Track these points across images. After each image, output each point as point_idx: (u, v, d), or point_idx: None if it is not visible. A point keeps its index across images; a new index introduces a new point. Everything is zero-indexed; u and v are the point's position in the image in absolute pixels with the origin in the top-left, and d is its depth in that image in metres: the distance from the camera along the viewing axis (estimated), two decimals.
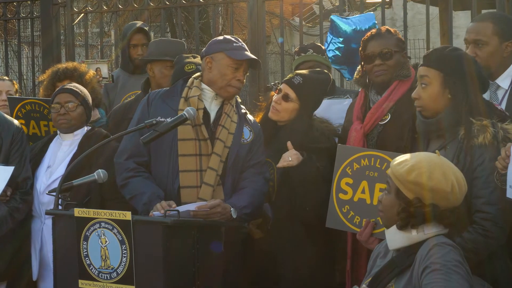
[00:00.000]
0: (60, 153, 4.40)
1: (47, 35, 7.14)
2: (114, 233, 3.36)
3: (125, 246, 3.34)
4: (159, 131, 3.68)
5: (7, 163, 4.25)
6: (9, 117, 4.50)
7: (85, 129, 4.47)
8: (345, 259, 4.01)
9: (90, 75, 5.10)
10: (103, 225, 3.38)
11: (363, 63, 4.18)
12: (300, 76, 4.21)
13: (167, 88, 4.17)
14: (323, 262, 4.13)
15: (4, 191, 4.17)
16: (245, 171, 3.99)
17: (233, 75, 3.93)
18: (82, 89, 4.53)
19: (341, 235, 3.99)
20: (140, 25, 5.93)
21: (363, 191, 3.74)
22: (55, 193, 3.65)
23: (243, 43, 4.02)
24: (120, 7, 7.08)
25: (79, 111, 4.42)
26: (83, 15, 7.34)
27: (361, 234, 3.67)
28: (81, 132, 4.44)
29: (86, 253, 3.43)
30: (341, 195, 3.80)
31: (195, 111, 3.80)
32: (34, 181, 4.36)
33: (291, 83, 4.19)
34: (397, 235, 2.98)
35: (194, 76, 4.07)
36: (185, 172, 3.85)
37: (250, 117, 4.14)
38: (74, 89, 4.46)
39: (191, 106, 3.86)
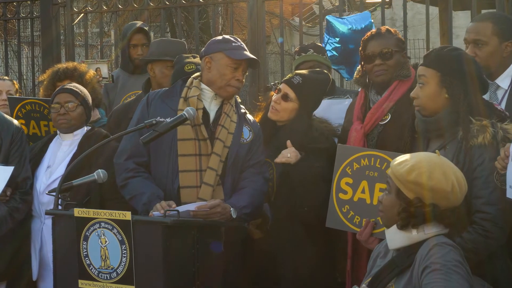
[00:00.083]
0: (60, 153, 4.40)
1: (47, 35, 7.14)
2: (114, 233, 3.36)
3: (125, 246, 3.34)
4: (158, 131, 3.68)
5: (6, 163, 4.25)
6: (8, 117, 4.50)
7: (85, 129, 4.47)
8: (345, 259, 4.01)
9: (90, 75, 5.10)
10: (103, 225, 3.38)
11: (363, 63, 4.18)
12: (299, 76, 4.21)
13: (166, 88, 4.17)
14: (323, 262, 4.12)
15: (3, 191, 4.17)
16: (245, 171, 3.99)
17: (232, 75, 3.93)
18: (82, 89, 4.53)
19: (341, 235, 3.99)
20: (140, 25, 5.93)
21: (363, 191, 3.73)
22: (55, 193, 3.65)
23: (242, 43, 4.01)
24: (120, 7, 7.08)
25: (79, 111, 4.42)
26: (83, 15, 7.34)
27: (361, 234, 3.67)
28: (81, 132, 4.44)
29: (86, 253, 3.43)
30: (341, 195, 3.80)
31: (195, 111, 3.79)
32: (34, 181, 4.36)
33: (291, 83, 4.19)
34: (397, 234, 2.98)
35: (193, 76, 4.07)
36: (185, 172, 3.85)
37: (249, 116, 4.14)
38: (74, 89, 4.46)
39: (190, 106, 3.85)
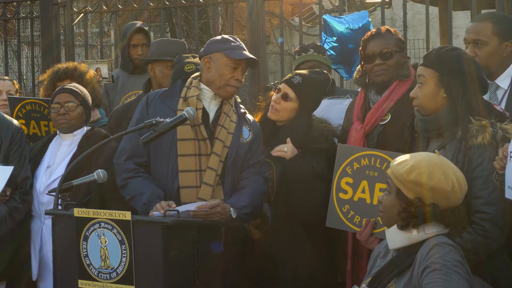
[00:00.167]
0: (59, 153, 4.39)
1: (47, 35, 7.13)
2: (113, 233, 3.36)
3: (124, 246, 3.34)
4: (158, 131, 3.67)
5: (6, 163, 4.25)
6: (8, 117, 4.50)
7: (85, 129, 4.46)
8: (346, 259, 4.01)
9: (90, 75, 5.10)
10: (102, 225, 3.38)
11: (363, 62, 4.17)
12: (299, 76, 4.21)
13: (166, 88, 4.17)
14: (323, 262, 4.12)
15: (3, 191, 4.17)
16: (245, 171, 3.98)
17: (232, 75, 3.92)
18: (82, 89, 4.52)
19: (341, 235, 3.99)
20: (140, 25, 5.93)
21: (363, 191, 3.73)
22: (54, 193, 3.65)
23: (241, 43, 4.01)
24: (119, 7, 7.08)
25: (79, 111, 4.41)
26: (82, 15, 7.33)
27: (361, 233, 3.67)
28: (81, 132, 4.43)
29: (85, 253, 3.42)
30: (341, 195, 3.80)
31: (195, 111, 3.79)
32: (33, 181, 4.36)
33: (291, 82, 4.18)
34: (397, 234, 2.98)
35: (192, 76, 4.06)
36: (185, 172, 3.85)
37: (249, 116, 4.13)
38: (73, 89, 4.46)
39: (190, 106, 3.85)
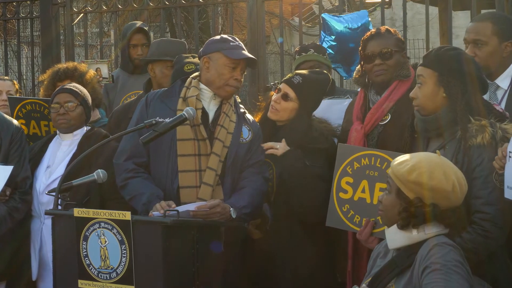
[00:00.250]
0: (59, 153, 4.39)
1: (47, 35, 7.13)
2: (113, 233, 3.36)
3: (124, 246, 3.34)
4: (158, 131, 3.67)
5: (6, 163, 4.25)
6: (8, 117, 4.50)
7: (85, 129, 4.46)
8: (346, 259, 4.01)
9: (90, 75, 5.09)
10: (102, 225, 3.38)
11: (362, 62, 4.17)
12: (299, 75, 4.20)
13: (165, 88, 4.17)
14: (323, 262, 4.12)
15: (3, 191, 4.17)
16: (244, 171, 3.98)
17: (231, 75, 3.92)
18: (81, 89, 4.52)
19: (341, 235, 3.99)
20: (139, 25, 5.93)
21: (363, 190, 3.73)
22: (54, 193, 3.65)
23: (240, 42, 4.01)
24: (119, 7, 7.08)
25: (79, 111, 4.41)
26: (82, 15, 7.33)
27: (360, 233, 3.67)
28: (81, 132, 4.43)
29: (85, 253, 3.42)
30: (341, 194, 3.80)
31: (194, 111, 3.79)
32: (33, 181, 4.36)
33: (291, 82, 4.18)
34: (397, 234, 2.98)
35: (192, 76, 4.06)
36: (184, 172, 3.85)
37: (249, 116, 4.13)
38: (73, 89, 4.46)
39: (189, 106, 3.85)
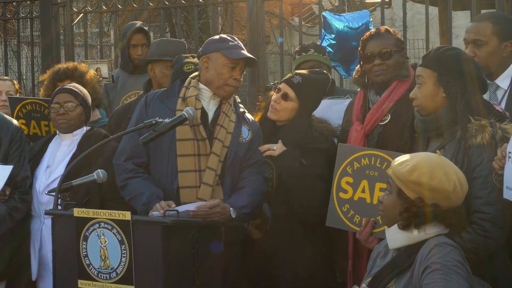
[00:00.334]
0: (59, 153, 4.39)
1: (47, 35, 7.13)
2: (113, 233, 3.36)
3: (124, 246, 3.33)
4: (158, 131, 3.67)
5: (6, 162, 4.25)
6: (8, 117, 4.50)
7: (85, 129, 4.46)
8: (346, 259, 4.01)
9: (90, 75, 5.09)
10: (102, 225, 3.38)
11: (362, 63, 4.17)
12: (299, 75, 4.20)
13: (164, 88, 4.17)
14: (323, 262, 4.12)
15: (3, 190, 4.17)
16: (244, 171, 3.98)
17: (230, 74, 3.92)
18: (81, 89, 4.52)
19: (341, 235, 3.99)
20: (139, 25, 5.93)
21: (363, 190, 3.73)
22: (54, 193, 3.65)
23: (239, 42, 4.01)
24: (119, 7, 7.08)
25: (78, 111, 4.41)
26: (82, 15, 7.33)
27: (360, 233, 3.67)
28: (81, 132, 4.43)
29: (85, 253, 3.42)
30: (341, 194, 3.79)
31: (194, 111, 3.79)
32: (33, 181, 4.36)
33: (291, 82, 4.18)
34: (398, 234, 2.98)
35: (191, 76, 4.06)
36: (184, 172, 3.85)
37: (248, 116, 4.13)
38: (73, 89, 4.46)
39: (189, 106, 3.85)
